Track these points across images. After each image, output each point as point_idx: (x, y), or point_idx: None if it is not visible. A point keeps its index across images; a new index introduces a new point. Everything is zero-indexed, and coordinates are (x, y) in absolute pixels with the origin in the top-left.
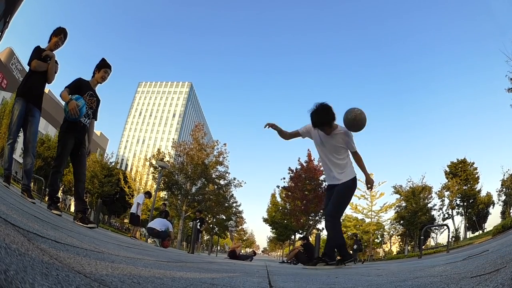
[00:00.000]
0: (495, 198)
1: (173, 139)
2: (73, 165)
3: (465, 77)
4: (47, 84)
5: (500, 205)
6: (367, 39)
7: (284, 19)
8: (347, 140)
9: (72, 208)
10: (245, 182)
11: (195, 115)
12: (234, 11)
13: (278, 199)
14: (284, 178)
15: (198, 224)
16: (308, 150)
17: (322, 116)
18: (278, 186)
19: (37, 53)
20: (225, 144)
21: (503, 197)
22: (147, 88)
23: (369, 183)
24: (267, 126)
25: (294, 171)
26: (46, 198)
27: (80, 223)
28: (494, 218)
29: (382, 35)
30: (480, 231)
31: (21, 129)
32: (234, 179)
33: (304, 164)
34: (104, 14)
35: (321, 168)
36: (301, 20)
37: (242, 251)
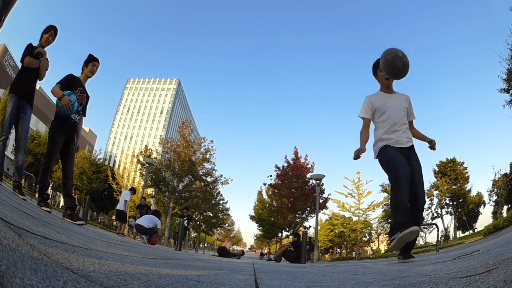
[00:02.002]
0: (486, 198)
1: (161, 135)
2: (62, 162)
3: (456, 77)
4: (38, 81)
5: (491, 205)
6: (360, 40)
7: (274, 18)
8: (411, 104)
9: (62, 205)
10: (231, 180)
11: (183, 112)
12: (222, 9)
13: (265, 196)
14: (270, 176)
15: (186, 221)
16: (295, 147)
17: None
18: (264, 184)
19: (30, 50)
20: (212, 141)
21: (494, 197)
22: (135, 84)
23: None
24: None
25: (281, 168)
26: (37, 195)
27: (69, 220)
28: (485, 218)
29: (376, 36)
30: (471, 231)
31: (13, 126)
32: (221, 176)
33: (291, 162)
34: (93, 12)
35: (308, 166)
36: (291, 18)
37: (230, 248)
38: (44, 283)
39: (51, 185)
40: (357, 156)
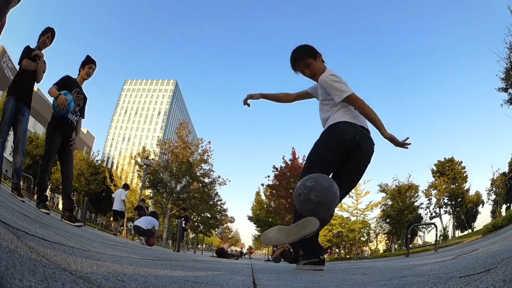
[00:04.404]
0: (484, 197)
1: (158, 137)
2: (60, 163)
3: (454, 76)
4: (36, 83)
5: (490, 204)
6: (360, 42)
7: (273, 19)
8: (326, 84)
9: (60, 206)
10: (229, 180)
11: (180, 113)
12: (220, 10)
13: (263, 197)
14: (268, 176)
15: (183, 222)
16: (293, 148)
17: (296, 51)
18: (262, 184)
19: (27, 53)
20: (209, 142)
21: (493, 196)
22: (133, 86)
23: (392, 140)
24: (247, 103)
25: (279, 169)
26: (35, 197)
27: (68, 222)
28: (483, 217)
29: (377, 39)
30: (470, 230)
31: (11, 128)
32: (219, 177)
33: (289, 162)
34: (91, 13)
35: None
36: (290, 20)
37: (229, 249)
38: (42, 284)
39: (49, 186)
40: None
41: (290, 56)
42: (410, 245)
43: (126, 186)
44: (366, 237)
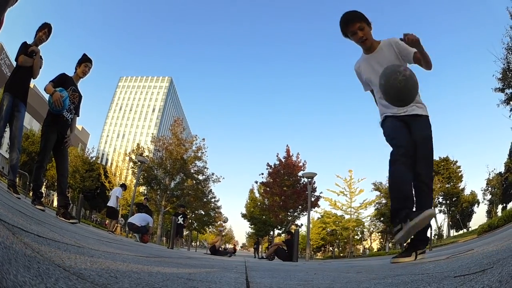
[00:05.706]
0: (480, 197)
1: (153, 134)
2: (55, 160)
3: (450, 76)
4: (32, 79)
5: (485, 204)
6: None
7: (268, 18)
8: (399, 46)
9: (55, 203)
10: (223, 178)
11: (175, 110)
12: (216, 8)
13: (257, 194)
14: (262, 174)
15: (182, 219)
16: (287, 146)
17: (351, 12)
18: (256, 182)
19: (24, 49)
20: (203, 139)
21: (488, 197)
22: (128, 82)
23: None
24: None
25: (273, 166)
26: (31, 193)
27: (62, 218)
28: (479, 217)
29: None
30: (465, 230)
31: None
32: (213, 174)
33: (283, 160)
34: (87, 10)
35: (299, 164)
36: (285, 20)
37: (222, 246)
38: (36, 280)
39: (44, 183)
40: None
41: (343, 16)
42: (405, 244)
43: (123, 186)
44: (360, 236)
